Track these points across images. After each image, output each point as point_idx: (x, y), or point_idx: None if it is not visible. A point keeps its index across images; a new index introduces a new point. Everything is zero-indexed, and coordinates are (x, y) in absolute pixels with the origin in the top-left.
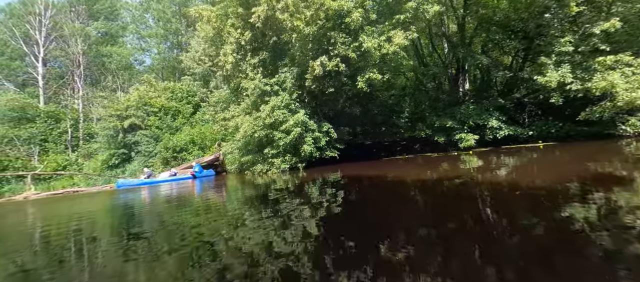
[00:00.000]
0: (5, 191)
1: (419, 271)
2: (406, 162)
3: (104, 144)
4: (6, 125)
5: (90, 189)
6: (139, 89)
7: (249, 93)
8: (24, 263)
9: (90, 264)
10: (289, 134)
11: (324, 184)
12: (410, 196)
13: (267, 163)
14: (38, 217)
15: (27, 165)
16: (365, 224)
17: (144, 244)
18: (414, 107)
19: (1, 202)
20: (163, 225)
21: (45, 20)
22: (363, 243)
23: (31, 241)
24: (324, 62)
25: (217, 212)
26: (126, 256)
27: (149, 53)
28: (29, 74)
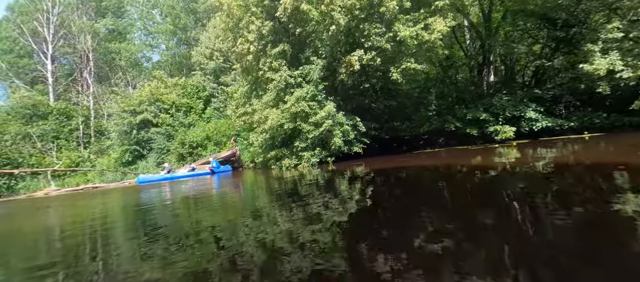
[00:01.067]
0: (20, 188)
1: (461, 264)
2: (446, 154)
3: (117, 141)
4: (19, 122)
5: (107, 185)
6: (150, 84)
7: (272, 86)
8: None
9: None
10: (319, 127)
11: (359, 178)
12: (461, 188)
13: (295, 157)
14: (87, 212)
15: (41, 162)
16: (416, 217)
17: (211, 242)
18: (441, 100)
19: (22, 199)
20: (216, 226)
21: (53, 17)
22: (412, 235)
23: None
24: (361, 56)
25: (273, 213)
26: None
27: (157, 49)
28: (38, 71)
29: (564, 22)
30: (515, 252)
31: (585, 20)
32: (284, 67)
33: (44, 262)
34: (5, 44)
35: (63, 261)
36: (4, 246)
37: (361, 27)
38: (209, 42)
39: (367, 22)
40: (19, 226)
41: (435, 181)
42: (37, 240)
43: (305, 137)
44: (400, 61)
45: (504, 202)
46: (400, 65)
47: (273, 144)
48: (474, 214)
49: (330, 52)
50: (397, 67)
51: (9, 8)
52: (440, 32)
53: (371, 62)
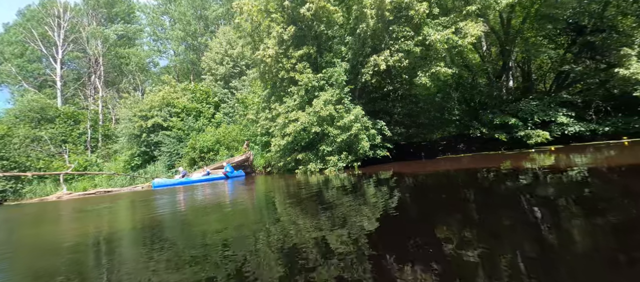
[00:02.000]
0: (26, 192)
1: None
2: (476, 159)
3: (126, 144)
4: (27, 125)
5: (120, 189)
6: (162, 90)
7: (295, 89)
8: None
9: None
10: (345, 130)
11: (392, 183)
12: (500, 194)
13: (320, 161)
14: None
15: (49, 166)
16: (466, 223)
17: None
18: (463, 105)
19: (35, 203)
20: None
21: (64, 23)
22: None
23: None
24: (387, 57)
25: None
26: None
27: (165, 55)
28: (47, 75)
29: (592, 27)
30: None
31: (614, 26)
32: (308, 69)
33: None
34: (16, 48)
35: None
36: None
37: (390, 29)
38: (220, 47)
39: (396, 24)
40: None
41: (477, 185)
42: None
43: (331, 141)
44: (429, 65)
45: (559, 209)
46: (429, 69)
47: (293, 148)
48: (521, 222)
49: (354, 55)
50: (425, 71)
51: (19, 13)
52: (473, 37)
53: (398, 63)
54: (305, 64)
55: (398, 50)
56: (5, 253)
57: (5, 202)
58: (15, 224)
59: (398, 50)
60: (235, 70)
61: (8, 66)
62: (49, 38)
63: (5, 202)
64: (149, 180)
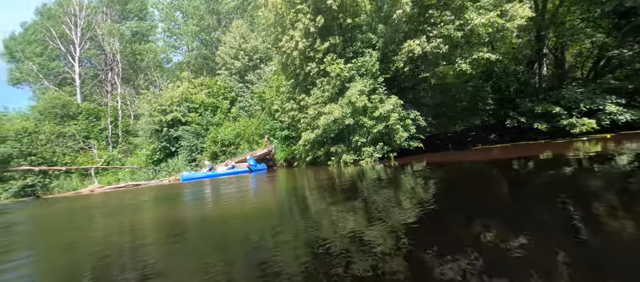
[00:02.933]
0: (54, 186)
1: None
2: (512, 149)
3: (147, 139)
4: (52, 122)
5: (148, 182)
6: (180, 85)
7: (325, 81)
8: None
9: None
10: (381, 121)
11: (432, 174)
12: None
13: (354, 152)
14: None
15: (74, 161)
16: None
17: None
18: (497, 93)
19: (70, 196)
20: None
21: (80, 21)
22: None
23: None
24: (423, 43)
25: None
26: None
27: (180, 50)
28: (66, 73)
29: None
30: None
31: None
32: (338, 60)
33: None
34: (36, 48)
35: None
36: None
37: (428, 14)
38: (234, 41)
39: (434, 9)
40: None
41: (529, 175)
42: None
43: (366, 131)
44: (470, 51)
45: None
46: (470, 55)
47: (322, 140)
48: (578, 214)
49: (385, 43)
50: (465, 57)
51: (37, 11)
52: (523, 18)
53: (436, 49)
54: (332, 55)
55: (436, 35)
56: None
57: (39, 196)
58: (91, 212)
59: (436, 35)
60: (250, 64)
61: (30, 65)
62: (66, 36)
63: (40, 196)
64: (171, 174)
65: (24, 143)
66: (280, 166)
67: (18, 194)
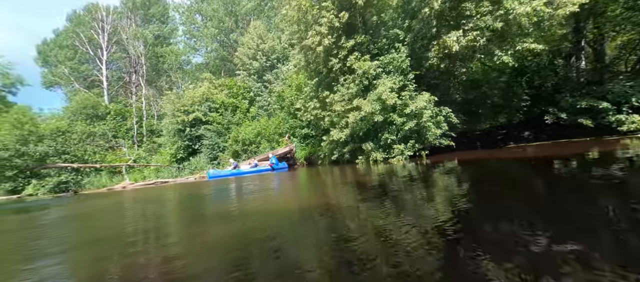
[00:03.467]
0: (85, 183)
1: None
2: (553, 147)
3: (170, 138)
4: (83, 122)
5: (175, 179)
6: (202, 86)
7: (350, 78)
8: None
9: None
10: (413, 118)
11: (469, 173)
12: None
13: (383, 150)
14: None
15: (103, 159)
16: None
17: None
18: (534, 89)
19: (104, 192)
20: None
21: (107, 26)
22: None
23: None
24: (459, 37)
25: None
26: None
27: (200, 52)
28: (95, 76)
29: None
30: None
31: None
32: (365, 57)
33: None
34: (67, 52)
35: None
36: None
37: (462, 7)
38: (252, 42)
39: (468, 1)
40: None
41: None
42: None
43: (395, 129)
44: (512, 42)
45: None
46: (512, 46)
47: (348, 139)
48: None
49: (414, 38)
50: (506, 49)
51: (68, 18)
52: (575, 5)
53: (472, 43)
54: (357, 54)
55: (472, 28)
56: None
57: (77, 192)
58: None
59: (472, 28)
60: (267, 64)
61: (62, 68)
62: (94, 41)
63: (77, 192)
64: (194, 172)
65: (59, 142)
66: (301, 164)
67: (53, 190)
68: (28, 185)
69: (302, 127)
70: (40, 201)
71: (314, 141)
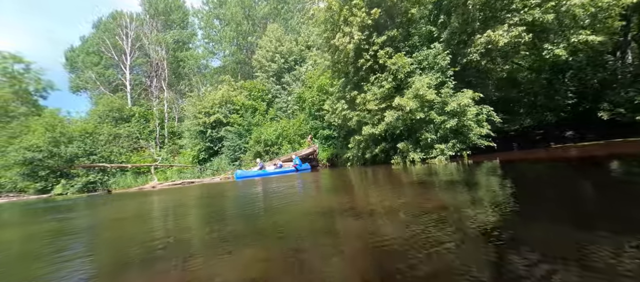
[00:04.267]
0: (111, 183)
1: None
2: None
3: (192, 140)
4: (109, 124)
5: (201, 180)
6: (221, 88)
7: (382, 76)
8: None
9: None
10: (454, 116)
11: (529, 173)
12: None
13: (421, 150)
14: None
15: (129, 159)
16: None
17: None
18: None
19: (134, 192)
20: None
21: (131, 32)
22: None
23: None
24: (504, 32)
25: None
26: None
27: (218, 56)
28: (119, 80)
29: None
30: None
31: None
32: (401, 54)
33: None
34: (93, 58)
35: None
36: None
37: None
38: (270, 44)
39: None
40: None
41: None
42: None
43: (433, 128)
44: (565, 34)
45: None
46: (566, 38)
47: (380, 138)
48: None
49: (451, 34)
50: (557, 43)
51: (94, 26)
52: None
53: (517, 38)
54: (389, 49)
55: (517, 23)
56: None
57: (111, 191)
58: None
59: (517, 23)
60: (285, 66)
61: (88, 73)
62: (119, 46)
63: (111, 192)
64: (216, 173)
65: (87, 143)
66: (323, 165)
67: (81, 190)
68: (57, 184)
69: (323, 129)
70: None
71: (336, 142)
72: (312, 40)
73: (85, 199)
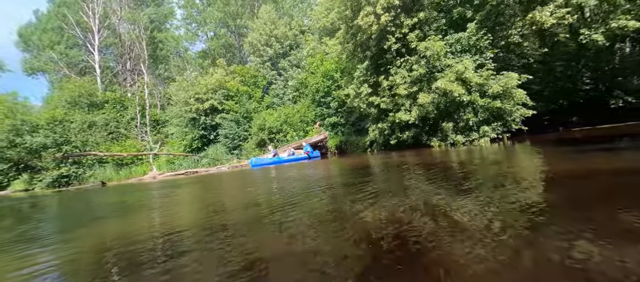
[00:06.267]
0: (89, 176)
1: None
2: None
3: (183, 128)
4: (81, 111)
5: (208, 169)
6: (215, 73)
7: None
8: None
9: None
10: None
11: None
12: None
13: (462, 133)
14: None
15: (109, 148)
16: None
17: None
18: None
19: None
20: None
21: (98, 7)
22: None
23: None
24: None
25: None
26: None
27: (201, 38)
28: (86, 62)
29: None
30: None
31: None
32: (434, 36)
33: None
34: (53, 36)
35: None
36: None
37: None
38: (266, 27)
39: None
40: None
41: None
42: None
43: (473, 110)
44: (606, 18)
45: None
46: (605, 23)
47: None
48: None
49: (486, 15)
50: (595, 28)
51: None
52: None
53: (562, 20)
54: (418, 32)
55: (561, 5)
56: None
57: (105, 184)
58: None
59: (561, 5)
60: (281, 51)
61: (50, 53)
62: (84, 24)
63: (105, 184)
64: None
65: (58, 132)
66: (332, 153)
67: (51, 185)
68: (16, 180)
69: (330, 116)
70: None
71: (343, 129)
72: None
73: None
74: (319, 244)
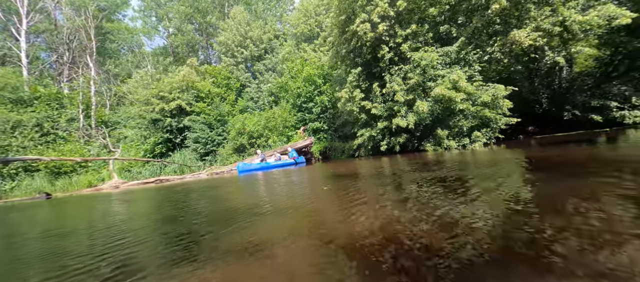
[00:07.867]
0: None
1: None
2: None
3: (141, 131)
4: (4, 108)
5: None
6: (182, 70)
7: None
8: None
9: None
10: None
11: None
12: None
13: (453, 138)
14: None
15: (42, 153)
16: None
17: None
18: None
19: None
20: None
21: None
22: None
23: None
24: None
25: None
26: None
27: (163, 33)
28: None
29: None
30: None
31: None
32: (428, 48)
33: None
34: None
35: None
36: None
37: (522, 7)
38: (240, 28)
39: (531, 3)
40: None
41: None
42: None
43: (464, 117)
44: (566, 46)
45: None
46: (566, 49)
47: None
48: None
49: (471, 34)
50: (559, 51)
51: None
52: (627, 18)
53: (533, 42)
54: (410, 43)
55: (534, 29)
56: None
57: (51, 195)
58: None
59: (534, 29)
60: (256, 54)
61: None
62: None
63: (51, 196)
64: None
65: None
66: (316, 159)
67: None
68: None
69: (312, 121)
70: None
71: (326, 134)
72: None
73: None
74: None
